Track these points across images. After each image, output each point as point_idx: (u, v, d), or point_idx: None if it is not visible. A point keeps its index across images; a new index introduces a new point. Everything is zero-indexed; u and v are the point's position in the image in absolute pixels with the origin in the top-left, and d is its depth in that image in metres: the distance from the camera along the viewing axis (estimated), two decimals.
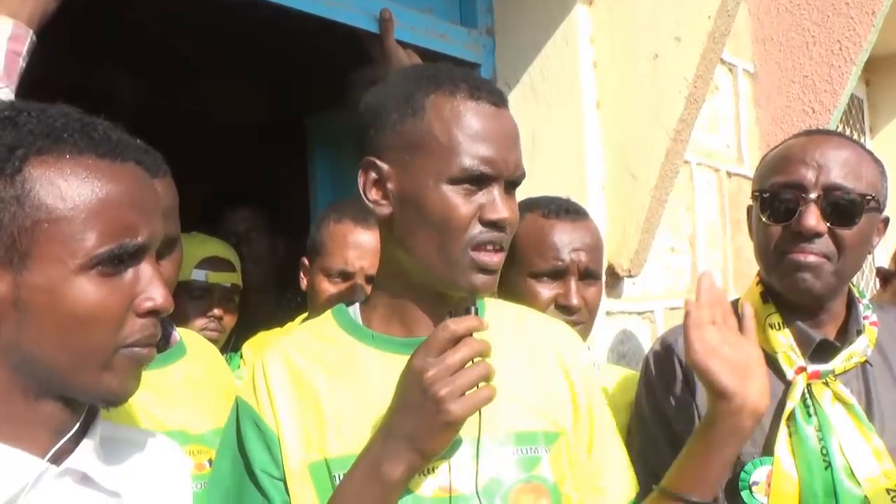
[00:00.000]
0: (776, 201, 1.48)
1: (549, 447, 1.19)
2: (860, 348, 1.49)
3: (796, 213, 1.44)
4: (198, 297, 2.18)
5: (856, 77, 3.07)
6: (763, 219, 1.49)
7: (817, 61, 3.07)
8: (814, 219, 1.42)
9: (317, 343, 1.23)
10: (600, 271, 1.71)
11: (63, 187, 0.89)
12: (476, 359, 1.06)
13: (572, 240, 1.68)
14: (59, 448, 0.93)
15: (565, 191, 2.04)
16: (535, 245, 1.68)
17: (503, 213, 1.14)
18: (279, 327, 2.18)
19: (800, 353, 1.48)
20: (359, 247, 1.84)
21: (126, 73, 3.62)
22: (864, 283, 4.41)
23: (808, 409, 1.44)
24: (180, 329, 1.63)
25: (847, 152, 1.47)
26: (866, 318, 1.53)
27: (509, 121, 1.20)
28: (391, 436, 1.08)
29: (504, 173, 1.16)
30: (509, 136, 1.18)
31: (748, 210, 1.60)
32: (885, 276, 3.39)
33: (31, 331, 0.89)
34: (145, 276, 0.94)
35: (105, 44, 3.42)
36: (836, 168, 1.44)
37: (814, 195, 1.43)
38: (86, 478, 0.96)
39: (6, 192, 0.87)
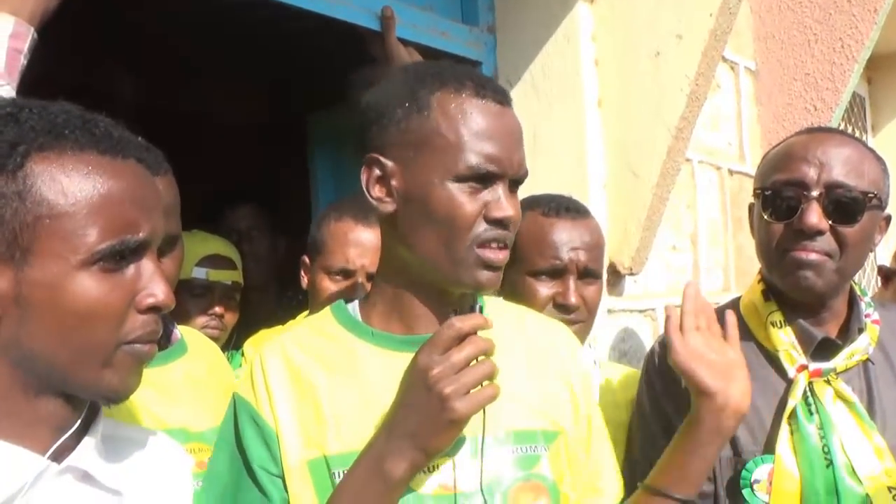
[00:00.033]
0: (778, 199, 1.48)
1: (548, 446, 1.20)
2: (862, 346, 1.49)
3: (798, 210, 1.44)
4: (199, 295, 2.18)
5: (858, 75, 3.07)
6: (765, 216, 1.49)
7: (819, 59, 3.06)
8: (816, 216, 1.42)
9: (316, 339, 1.22)
10: (600, 270, 1.71)
11: (65, 183, 0.89)
12: (480, 357, 1.07)
13: (571, 238, 1.68)
14: (60, 445, 0.93)
15: (566, 188, 2.04)
16: (535, 243, 1.67)
17: (508, 211, 1.15)
18: (280, 325, 2.17)
19: (801, 351, 1.48)
20: (359, 245, 1.84)
21: (126, 73, 3.62)
22: (865, 281, 4.41)
23: (809, 408, 1.44)
24: (181, 327, 1.63)
25: (849, 150, 1.46)
26: (868, 316, 1.52)
27: (514, 119, 1.20)
28: (394, 433, 1.07)
29: (509, 172, 1.16)
30: (514, 135, 1.19)
31: (750, 208, 1.60)
32: (886, 274, 3.39)
33: (33, 327, 0.89)
34: (147, 273, 0.94)
35: (106, 43, 3.42)
36: (838, 166, 1.44)
37: (816, 193, 1.43)
38: (87, 476, 0.95)
39: (8, 188, 0.87)
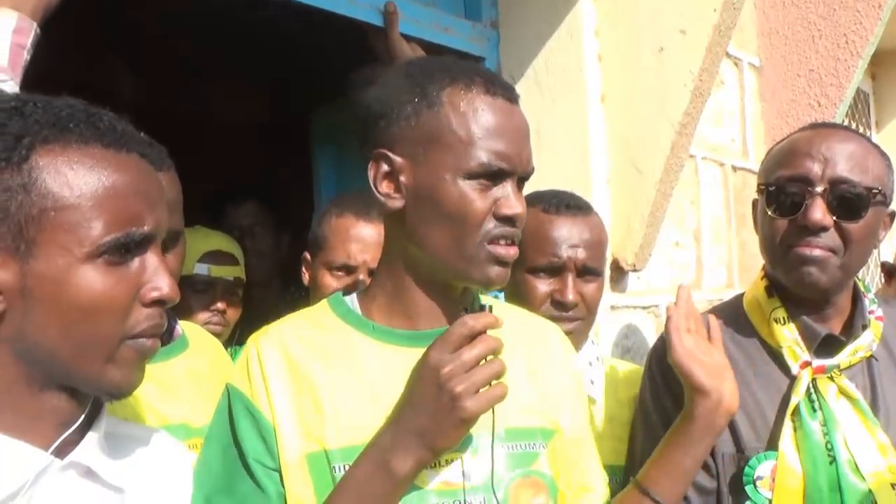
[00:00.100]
0: (782, 195, 1.47)
1: (546, 444, 1.21)
2: (865, 343, 1.48)
3: (802, 206, 1.43)
4: (201, 291, 2.18)
5: (862, 71, 3.06)
6: (769, 212, 1.49)
7: (823, 55, 3.06)
8: (820, 212, 1.41)
9: (314, 332, 1.21)
10: (600, 268, 1.70)
11: (69, 176, 0.89)
12: (488, 356, 1.07)
13: (571, 235, 1.67)
14: (63, 441, 0.93)
15: (569, 184, 2.03)
16: (534, 240, 1.67)
17: (517, 208, 1.15)
18: None
19: (805, 347, 1.48)
20: (361, 240, 1.83)
21: (126, 73, 3.62)
22: (868, 277, 4.40)
23: (812, 404, 1.44)
24: (183, 322, 1.63)
25: (853, 145, 1.46)
26: (872, 312, 1.52)
27: (522, 117, 1.20)
28: (401, 430, 1.07)
29: (518, 169, 1.16)
30: (523, 132, 1.19)
31: (753, 204, 1.59)
32: (889, 271, 3.39)
33: (37, 319, 0.89)
34: (151, 266, 0.94)
35: (108, 41, 3.42)
36: (843, 161, 1.43)
37: (820, 188, 1.43)
38: (90, 472, 0.95)
39: (13, 181, 0.87)
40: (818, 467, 1.40)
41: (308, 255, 1.98)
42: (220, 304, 2.20)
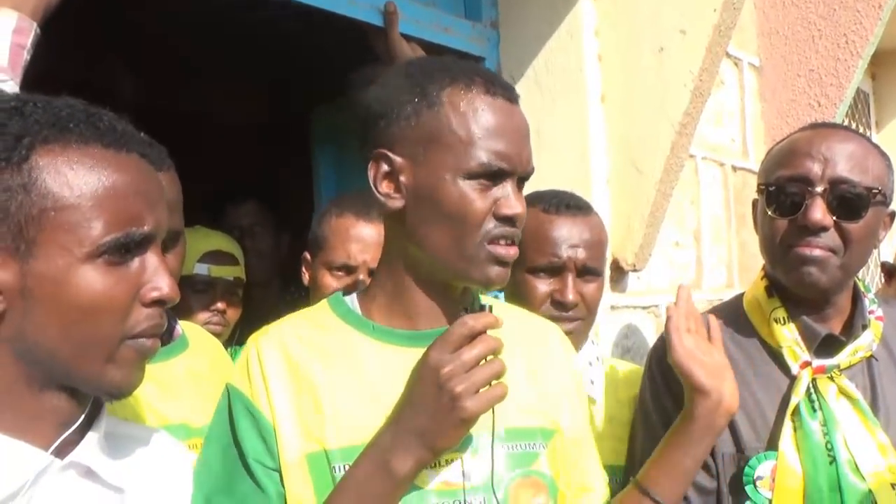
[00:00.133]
0: (782, 195, 1.47)
1: (545, 444, 1.21)
2: (865, 343, 1.48)
3: (802, 206, 1.43)
4: (201, 291, 2.17)
5: (862, 71, 3.06)
6: (769, 212, 1.49)
7: (823, 55, 3.06)
8: (820, 212, 1.41)
9: (314, 332, 1.21)
10: (600, 268, 1.70)
11: (70, 176, 0.89)
12: (488, 357, 1.07)
13: (571, 235, 1.67)
14: (63, 441, 0.93)
15: (569, 184, 2.03)
16: (534, 240, 1.67)
17: (517, 208, 1.15)
18: None
19: (805, 347, 1.47)
20: (361, 240, 1.83)
21: (127, 73, 3.62)
22: (868, 277, 4.40)
23: (812, 404, 1.44)
24: (183, 322, 1.63)
25: (853, 145, 1.46)
26: (872, 312, 1.52)
27: (522, 117, 1.20)
28: (401, 430, 1.07)
29: (518, 169, 1.16)
30: (523, 132, 1.19)
31: (753, 204, 1.59)
32: (889, 271, 3.39)
33: (37, 319, 0.89)
34: (151, 266, 0.94)
35: (108, 41, 3.42)
36: (843, 161, 1.43)
37: (820, 188, 1.42)
38: (90, 472, 0.95)
39: (13, 181, 0.87)
40: (818, 467, 1.40)
41: (308, 255, 1.98)
42: (220, 304, 2.19)
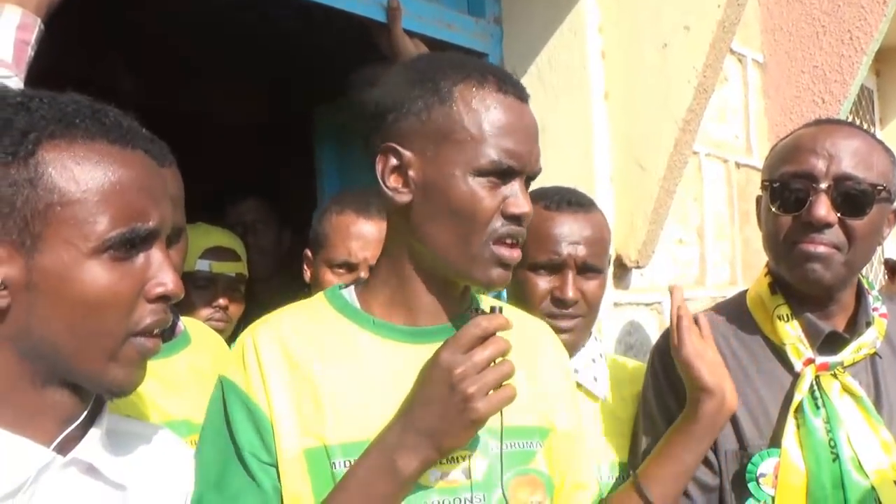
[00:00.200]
0: (786, 191, 1.47)
1: (542, 442, 1.21)
2: (869, 340, 1.48)
3: (806, 203, 1.43)
4: (202, 287, 2.18)
5: (866, 67, 3.05)
6: (773, 209, 1.48)
7: (827, 51, 3.05)
8: (824, 209, 1.41)
9: (311, 324, 1.19)
10: (601, 265, 1.70)
11: (76, 171, 0.89)
12: (498, 358, 1.07)
13: (571, 232, 1.67)
14: (66, 437, 0.93)
15: (573, 181, 2.03)
16: (535, 237, 1.67)
17: (525, 207, 1.14)
18: None
19: (808, 344, 1.47)
20: (361, 237, 1.83)
21: (127, 73, 3.62)
22: (872, 274, 4.39)
23: (816, 401, 1.44)
24: (185, 318, 1.63)
25: (858, 142, 1.45)
26: (875, 309, 1.52)
27: (532, 116, 1.19)
28: (409, 429, 1.07)
29: (526, 168, 1.16)
30: (532, 131, 1.18)
31: (757, 200, 1.59)
32: (893, 268, 3.39)
33: (42, 314, 0.89)
34: (156, 262, 0.94)
35: (109, 39, 3.43)
36: (847, 158, 1.43)
37: (824, 185, 1.42)
38: (91, 468, 0.96)
39: (19, 175, 0.87)
40: (821, 464, 1.40)
41: (309, 253, 1.97)
42: (221, 301, 2.20)
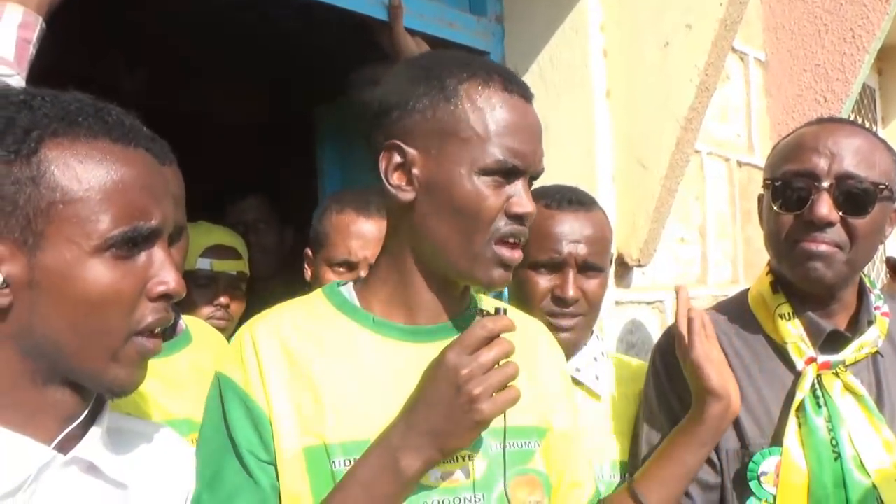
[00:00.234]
0: (788, 190, 1.47)
1: (539, 441, 1.21)
2: (871, 339, 1.48)
3: (808, 201, 1.43)
4: (203, 286, 2.18)
5: (868, 66, 3.05)
6: (774, 207, 1.48)
7: (829, 50, 3.04)
8: (826, 208, 1.40)
9: (310, 321, 1.18)
10: (602, 263, 1.70)
11: (78, 169, 0.89)
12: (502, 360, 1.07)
13: (572, 231, 1.66)
14: (66, 436, 0.93)
15: (574, 180, 2.03)
16: (536, 236, 1.66)
17: (528, 207, 1.14)
18: None
19: (810, 343, 1.47)
20: (361, 236, 1.83)
21: (127, 73, 3.62)
22: (874, 273, 4.39)
23: (817, 400, 1.44)
24: (186, 317, 1.63)
25: (860, 140, 1.45)
26: (877, 308, 1.52)
27: (536, 115, 1.19)
28: (413, 429, 1.06)
29: (530, 168, 1.16)
30: (537, 131, 1.18)
31: (759, 199, 1.59)
32: (895, 266, 3.38)
33: (44, 312, 0.89)
34: (158, 260, 0.94)
35: (111, 37, 3.43)
36: (849, 156, 1.43)
37: (826, 184, 1.42)
38: (92, 467, 0.95)
39: (22, 173, 0.87)
40: (823, 463, 1.40)
41: (310, 252, 1.97)
42: (223, 299, 2.20)
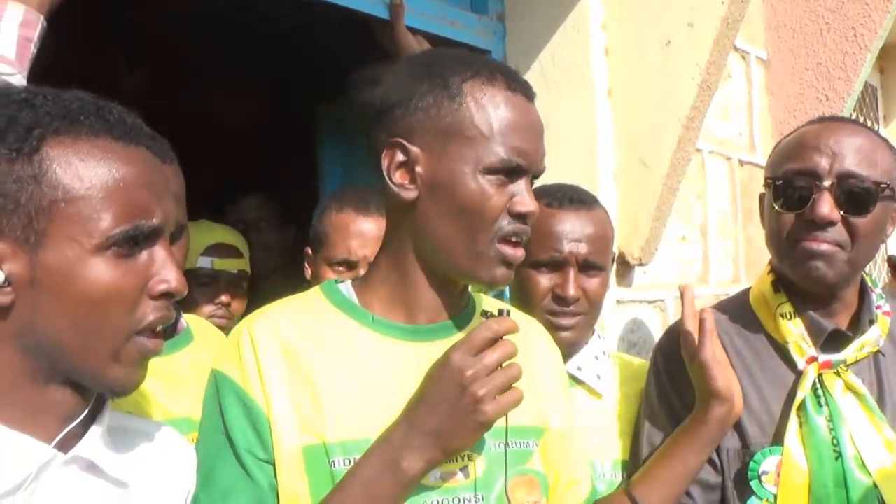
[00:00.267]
0: (789, 189, 1.46)
1: (538, 441, 1.22)
2: (872, 338, 1.48)
3: (809, 200, 1.42)
4: (205, 284, 2.18)
5: (870, 64, 3.04)
6: (776, 206, 1.48)
7: (831, 48, 3.04)
8: (827, 207, 1.40)
9: (309, 319, 1.17)
10: (603, 262, 1.69)
11: (80, 167, 0.89)
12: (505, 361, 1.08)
13: (573, 230, 1.66)
14: (67, 435, 0.93)
15: (576, 179, 2.03)
16: (537, 234, 1.65)
17: (531, 206, 1.14)
18: None
19: (811, 342, 1.47)
20: (361, 235, 1.83)
21: (127, 73, 3.63)
22: (876, 272, 4.39)
23: (818, 399, 1.43)
24: (187, 316, 1.63)
25: (861, 139, 1.45)
26: (879, 307, 1.51)
27: (538, 114, 1.19)
28: (415, 429, 1.06)
29: (533, 167, 1.16)
30: (539, 130, 1.18)
31: (760, 198, 1.59)
32: None
33: (45, 311, 0.89)
34: (159, 259, 0.94)
35: (112, 36, 3.43)
36: (851, 155, 1.42)
37: (827, 183, 1.42)
38: (93, 466, 0.95)
39: (24, 172, 0.87)
40: (824, 463, 1.40)
41: (310, 251, 1.98)
42: (224, 297, 2.20)
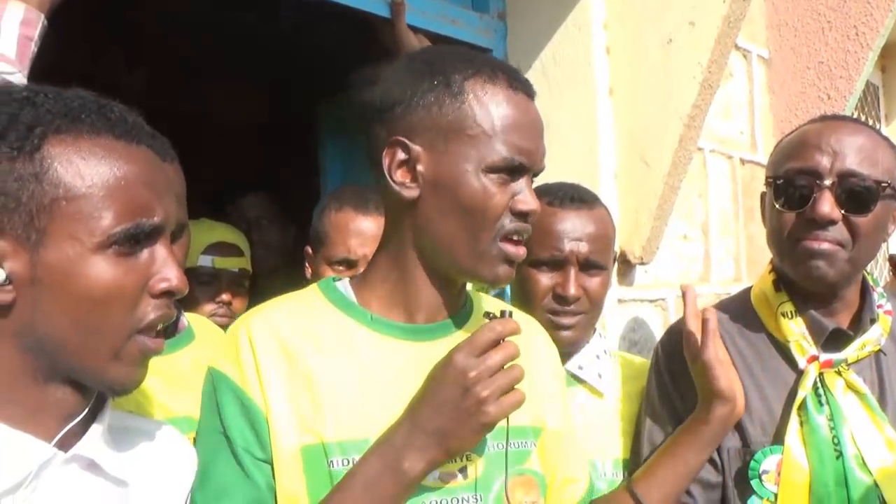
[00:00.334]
0: (790, 188, 1.46)
1: (535, 441, 1.22)
2: (874, 337, 1.48)
3: (811, 199, 1.42)
4: (206, 283, 2.18)
5: (872, 63, 3.04)
6: (777, 205, 1.48)
7: (833, 47, 3.04)
8: (828, 206, 1.40)
9: (308, 318, 1.16)
10: (604, 261, 1.69)
11: (81, 166, 0.89)
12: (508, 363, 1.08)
13: (574, 229, 1.66)
14: (67, 433, 0.93)
15: (577, 177, 2.02)
16: (538, 233, 1.66)
17: (533, 204, 1.14)
18: None
19: (812, 341, 1.47)
20: (361, 234, 1.83)
21: (127, 73, 3.63)
22: (877, 271, 4.38)
23: (819, 399, 1.43)
24: (189, 314, 1.63)
25: (863, 138, 1.45)
26: (880, 306, 1.51)
27: (538, 113, 1.19)
28: (418, 430, 1.06)
29: (534, 165, 1.16)
30: (539, 128, 1.18)
31: (762, 197, 1.59)
32: None
33: (46, 309, 0.89)
34: (160, 257, 0.94)
35: (112, 35, 3.44)
36: (852, 154, 1.42)
37: (828, 182, 1.42)
38: (93, 464, 0.95)
39: (25, 170, 0.87)
40: (824, 462, 1.40)
41: (310, 250, 1.98)
42: (225, 296, 2.20)
